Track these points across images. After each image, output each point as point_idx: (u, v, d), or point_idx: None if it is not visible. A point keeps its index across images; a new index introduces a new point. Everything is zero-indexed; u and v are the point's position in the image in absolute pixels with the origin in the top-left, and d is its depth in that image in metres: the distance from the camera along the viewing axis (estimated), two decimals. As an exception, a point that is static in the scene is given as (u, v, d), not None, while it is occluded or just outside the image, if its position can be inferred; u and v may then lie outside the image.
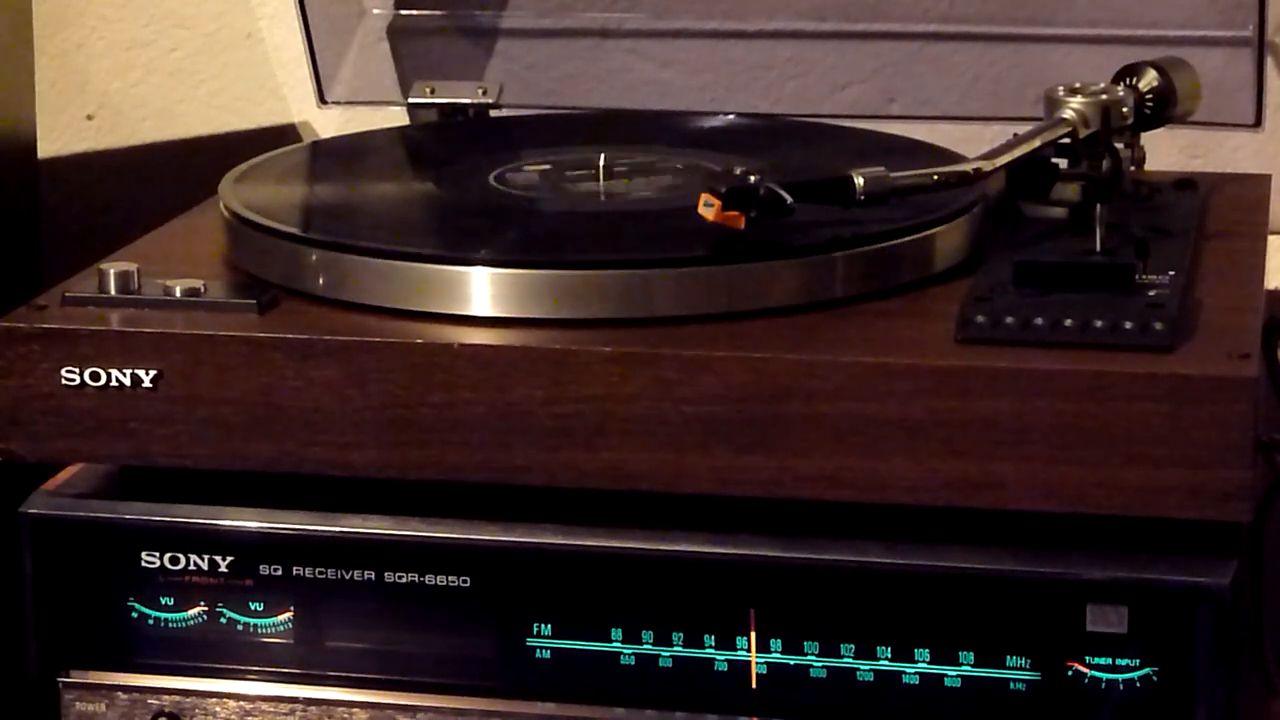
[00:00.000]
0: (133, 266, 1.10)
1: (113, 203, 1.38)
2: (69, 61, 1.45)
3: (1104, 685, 1.02)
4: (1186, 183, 1.24)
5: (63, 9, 1.41)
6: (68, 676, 1.09)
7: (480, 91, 1.35)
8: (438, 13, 1.38)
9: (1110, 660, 1.02)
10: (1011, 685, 1.03)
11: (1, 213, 1.28)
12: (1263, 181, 1.28)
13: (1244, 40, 1.25)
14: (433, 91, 1.36)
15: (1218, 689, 1.01)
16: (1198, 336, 1.03)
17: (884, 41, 1.34)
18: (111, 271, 1.10)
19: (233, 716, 1.10)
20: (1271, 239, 1.21)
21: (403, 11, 1.38)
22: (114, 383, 1.07)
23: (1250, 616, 1.09)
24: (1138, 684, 1.01)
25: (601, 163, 1.22)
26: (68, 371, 1.06)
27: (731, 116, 1.34)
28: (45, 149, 1.39)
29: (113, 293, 1.09)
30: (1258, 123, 1.25)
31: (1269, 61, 1.27)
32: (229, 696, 1.11)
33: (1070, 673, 1.02)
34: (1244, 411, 0.98)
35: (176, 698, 1.11)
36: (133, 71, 1.52)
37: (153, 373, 1.06)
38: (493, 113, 1.36)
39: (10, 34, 1.32)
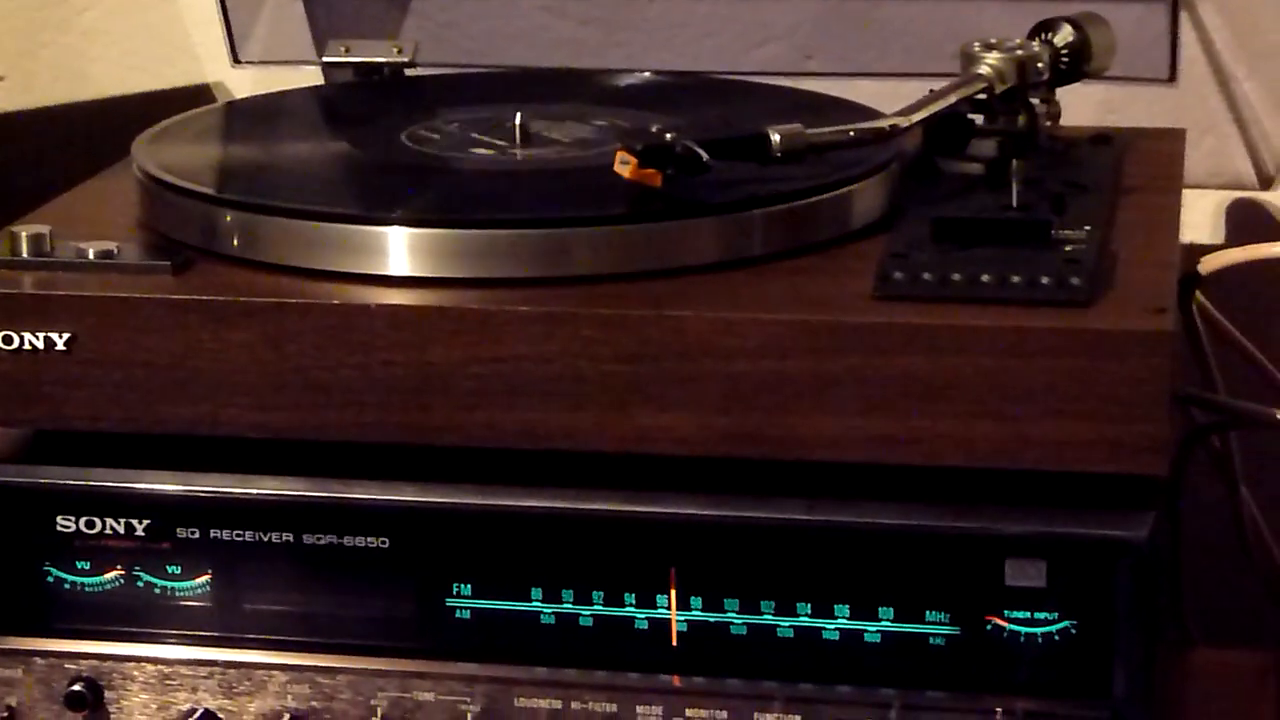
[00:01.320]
0: (45, 229, 1.10)
1: (24, 165, 1.38)
2: None
3: (1023, 639, 1.03)
4: (1103, 138, 1.25)
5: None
6: (-16, 642, 1.09)
7: (396, 50, 1.35)
8: None
9: (1029, 614, 1.02)
10: (931, 640, 1.03)
11: None
12: (1177, 136, 1.29)
13: None
14: (348, 50, 1.36)
15: (1136, 641, 1.02)
16: (1114, 291, 1.03)
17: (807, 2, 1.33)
18: (24, 234, 1.09)
19: (151, 680, 1.10)
20: (1186, 193, 1.22)
21: None
22: (27, 346, 1.06)
23: (1168, 568, 1.09)
24: (1056, 637, 1.02)
25: (518, 121, 1.22)
26: (-20, 335, 1.05)
27: (648, 74, 1.34)
28: (-46, 110, 1.38)
29: (25, 255, 1.09)
30: (1172, 78, 1.27)
31: (1183, 17, 1.27)
32: (147, 660, 1.10)
33: (989, 627, 1.03)
34: (1160, 365, 0.99)
35: (94, 662, 1.10)
36: (44, 32, 1.51)
37: (66, 336, 1.05)
38: (408, 72, 1.36)
39: None
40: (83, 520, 1.09)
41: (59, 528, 1.08)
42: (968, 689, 1.04)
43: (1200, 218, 1.38)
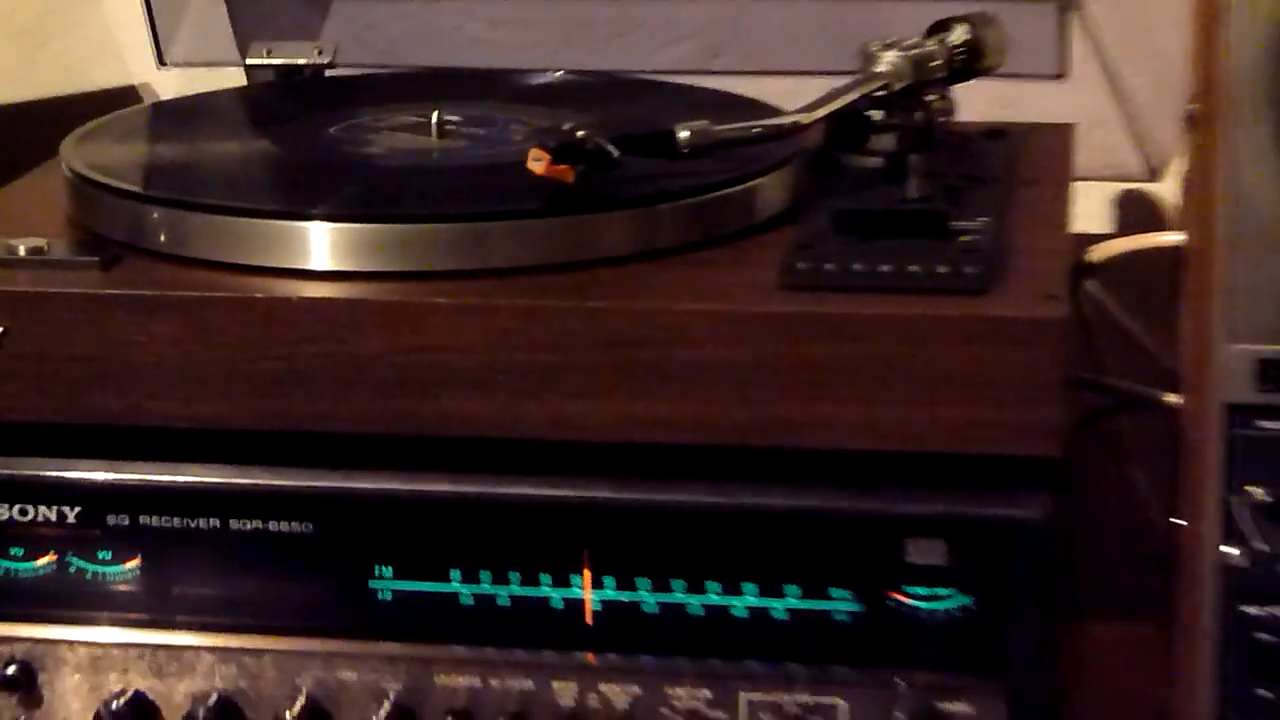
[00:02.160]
0: None
1: None
2: None
3: (923, 615, 1.04)
4: (997, 133, 1.27)
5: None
6: (-81, 628, 1.09)
7: (316, 52, 1.35)
8: None
9: (929, 591, 1.03)
10: (835, 616, 1.04)
11: None
12: (1067, 130, 1.30)
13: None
14: (269, 53, 1.35)
15: (1032, 616, 1.03)
16: (1009, 279, 1.04)
17: (701, 3, 1.34)
18: None
19: (83, 663, 1.10)
20: (1077, 185, 1.23)
21: None
22: None
23: (1062, 546, 1.10)
24: (956, 613, 1.03)
25: (435, 119, 1.23)
26: (-89, 330, 1.05)
27: (560, 73, 1.34)
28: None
29: None
30: (1062, 74, 1.28)
31: (1073, 16, 1.30)
32: (80, 644, 1.11)
33: (891, 603, 1.04)
34: (1054, 351, 1.00)
35: (28, 645, 1.11)
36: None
37: None
38: (329, 72, 1.35)
39: None
40: (15, 508, 1.09)
41: (-8, 515, 1.08)
42: (870, 664, 1.05)
43: (1091, 208, 1.39)
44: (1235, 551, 1.03)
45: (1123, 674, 1.19)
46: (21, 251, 1.08)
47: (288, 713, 1.08)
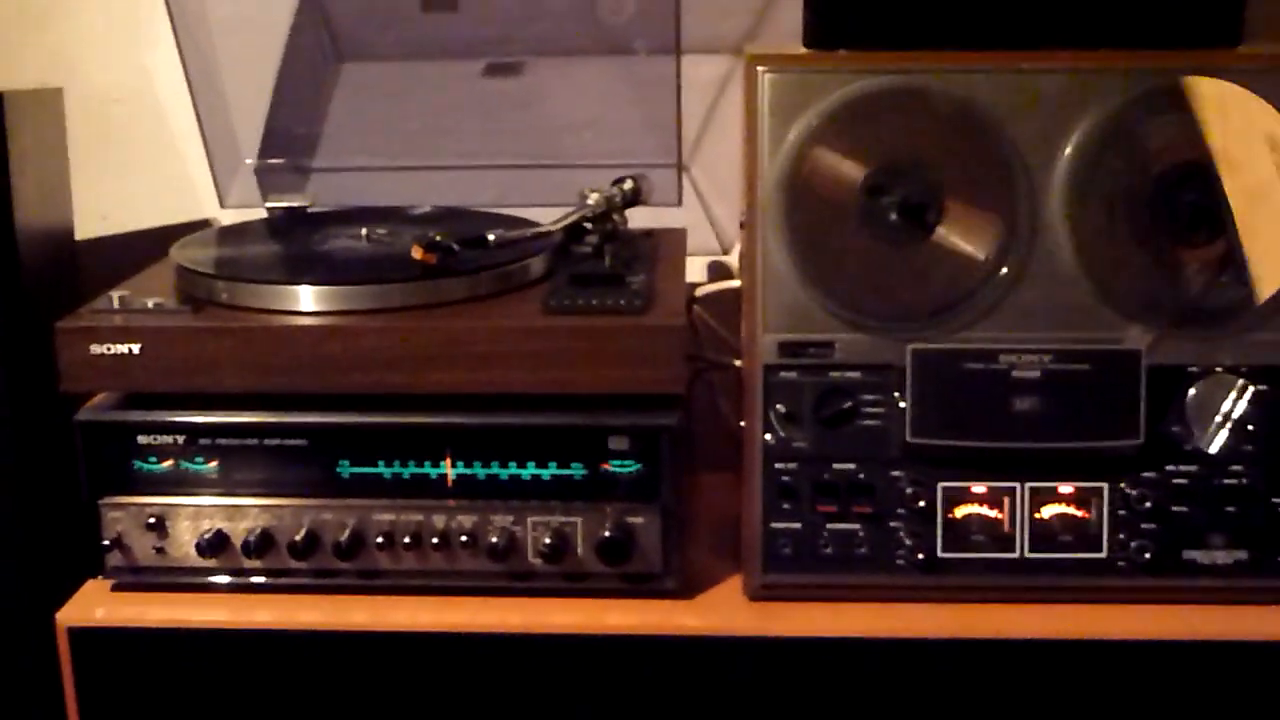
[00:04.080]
0: (126, 292, 1.08)
1: (115, 261, 1.27)
2: (86, 174, 1.34)
3: (618, 475, 1.04)
4: (648, 233, 1.25)
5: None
6: None
7: (304, 200, 1.31)
8: (280, 161, 1.33)
9: (621, 462, 1.04)
10: (574, 477, 1.04)
11: (49, 280, 1.20)
12: (682, 232, 1.28)
13: (671, 164, 1.25)
14: (279, 198, 1.31)
15: (673, 471, 1.04)
16: (656, 306, 1.05)
17: (501, 170, 1.30)
18: (115, 295, 1.08)
19: (189, 516, 1.07)
20: (688, 259, 1.22)
21: (262, 160, 1.32)
22: (116, 351, 1.03)
23: (687, 438, 1.10)
24: (635, 473, 1.04)
25: (365, 233, 1.21)
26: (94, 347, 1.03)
27: (428, 208, 1.29)
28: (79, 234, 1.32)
29: (115, 306, 1.07)
30: (680, 203, 1.26)
31: (683, 173, 1.28)
32: (186, 506, 1.06)
33: (602, 470, 1.04)
34: (679, 341, 1.02)
35: (161, 508, 1.06)
36: (132, 195, 1.42)
37: (138, 346, 1.03)
38: (310, 210, 1.31)
39: (52, 144, 1.21)
40: (151, 436, 1.06)
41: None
42: (593, 500, 1.04)
43: (696, 270, 1.36)
44: (769, 436, 1.04)
45: (718, 499, 1.19)
46: (150, 304, 1.07)
47: (295, 537, 1.05)
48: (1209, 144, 0.99)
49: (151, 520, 1.06)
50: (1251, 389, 1.02)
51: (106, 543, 1.06)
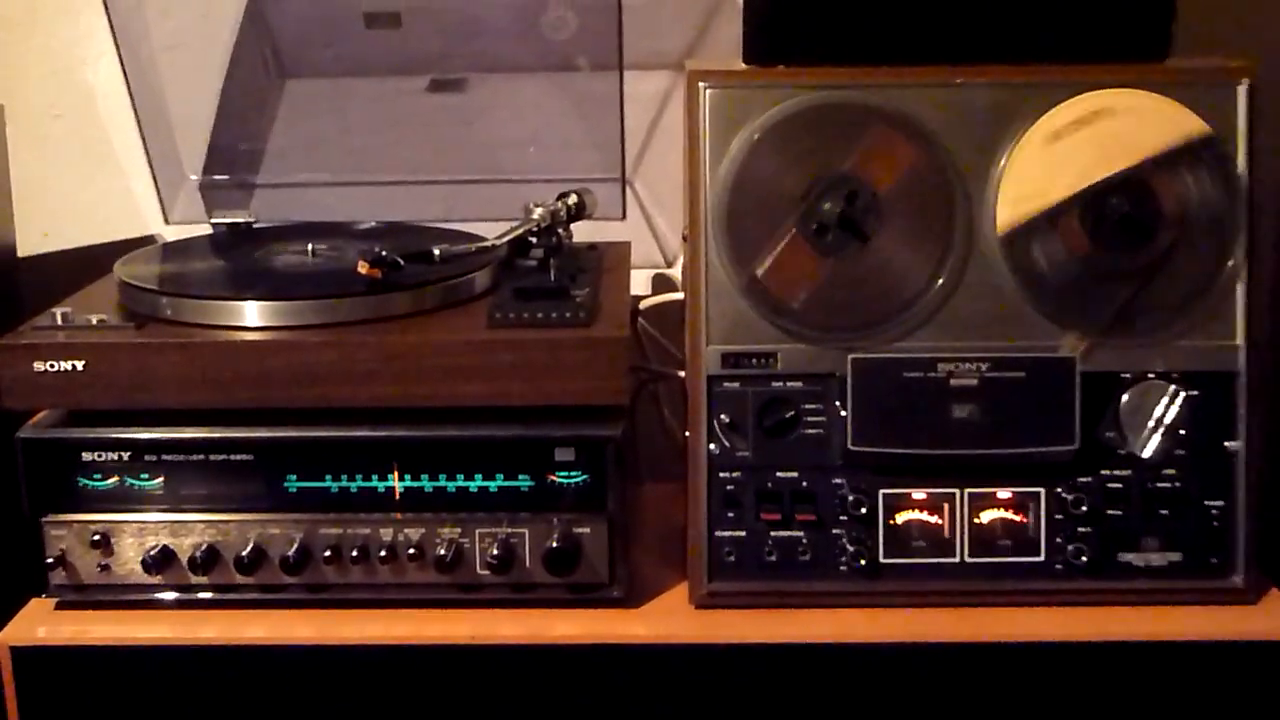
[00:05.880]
0: (69, 309, 1.06)
1: (53, 281, 1.24)
2: (27, 190, 1.31)
3: (564, 485, 1.03)
4: (592, 247, 1.25)
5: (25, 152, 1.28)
6: None
7: (248, 215, 1.30)
8: (225, 176, 1.30)
9: (567, 473, 1.03)
10: (521, 488, 1.03)
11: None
12: (626, 245, 1.28)
13: (615, 179, 1.24)
14: (224, 214, 1.30)
15: (616, 482, 1.03)
16: (601, 318, 1.05)
17: (450, 185, 1.28)
18: (58, 312, 1.06)
19: (134, 533, 1.04)
20: (632, 271, 1.23)
21: (207, 176, 1.30)
22: (59, 369, 1.02)
23: (631, 448, 1.13)
24: (581, 483, 1.03)
25: (310, 248, 1.20)
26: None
27: (373, 223, 1.29)
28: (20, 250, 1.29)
29: (59, 323, 1.05)
30: (624, 217, 1.26)
31: (626, 188, 1.27)
32: (131, 523, 1.04)
33: (549, 480, 1.03)
34: (623, 352, 1.02)
35: (105, 524, 1.04)
36: (75, 211, 1.40)
37: (81, 363, 1.01)
38: (254, 226, 1.30)
39: None
40: (95, 453, 1.04)
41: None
42: (539, 511, 1.04)
43: (640, 282, 1.35)
44: (713, 446, 1.03)
45: (664, 509, 1.19)
46: (93, 320, 1.05)
47: (242, 552, 1.03)
48: (1133, 155, 1.00)
49: (96, 537, 1.04)
50: (1183, 395, 1.02)
51: (50, 560, 1.04)
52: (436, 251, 1.10)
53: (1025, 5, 1.00)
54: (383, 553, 1.04)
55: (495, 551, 1.03)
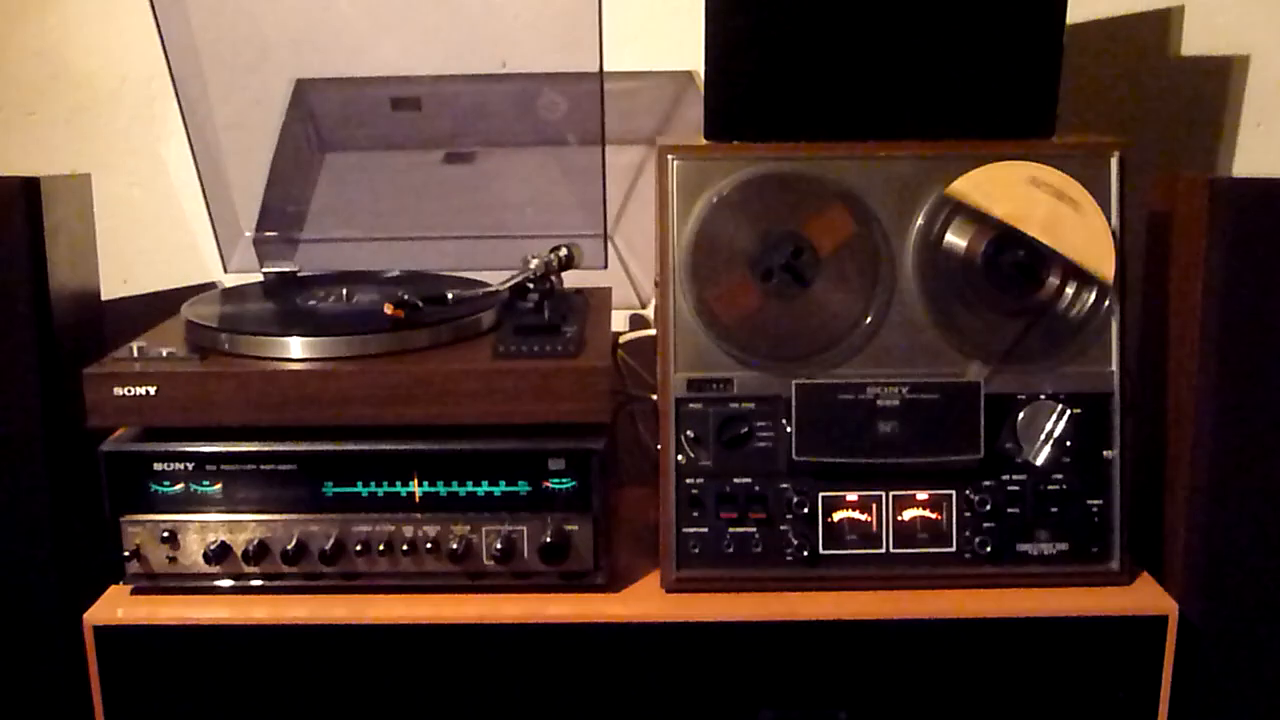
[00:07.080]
0: (145, 343, 1.10)
1: (133, 319, 1.27)
2: (110, 245, 1.34)
3: (557, 491, 1.06)
4: (579, 292, 1.26)
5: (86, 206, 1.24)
6: None
7: (294, 265, 1.31)
8: (274, 233, 1.32)
9: (559, 480, 1.06)
10: (521, 492, 1.06)
11: (78, 334, 1.16)
12: (608, 290, 1.29)
13: (598, 235, 1.25)
14: (273, 264, 1.31)
15: (601, 485, 1.06)
16: (587, 350, 1.07)
17: (461, 240, 1.29)
18: (134, 345, 1.09)
19: (196, 530, 1.08)
20: (614, 312, 1.26)
21: (259, 233, 1.33)
22: (135, 394, 1.05)
23: (613, 459, 1.13)
24: (570, 489, 1.06)
25: (345, 292, 1.23)
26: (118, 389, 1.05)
27: (397, 272, 1.30)
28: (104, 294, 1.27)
29: (135, 355, 1.09)
30: (605, 266, 1.26)
31: (608, 242, 1.31)
32: (194, 522, 1.07)
33: (543, 486, 1.06)
34: (605, 378, 1.05)
35: (172, 523, 1.08)
36: (149, 262, 1.40)
37: (154, 389, 1.04)
38: (300, 274, 1.31)
39: (81, 220, 1.18)
40: (164, 463, 1.07)
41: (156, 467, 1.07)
42: (535, 511, 1.06)
43: (619, 321, 1.37)
44: (680, 457, 1.07)
45: (639, 509, 1.22)
46: (164, 353, 1.09)
47: (287, 546, 1.06)
48: (999, 217, 1.05)
49: (165, 534, 1.09)
50: (1069, 412, 1.09)
51: (127, 553, 1.09)
52: (450, 295, 1.14)
53: (935, 92, 1.07)
54: (404, 546, 1.07)
55: (498, 545, 1.07)
